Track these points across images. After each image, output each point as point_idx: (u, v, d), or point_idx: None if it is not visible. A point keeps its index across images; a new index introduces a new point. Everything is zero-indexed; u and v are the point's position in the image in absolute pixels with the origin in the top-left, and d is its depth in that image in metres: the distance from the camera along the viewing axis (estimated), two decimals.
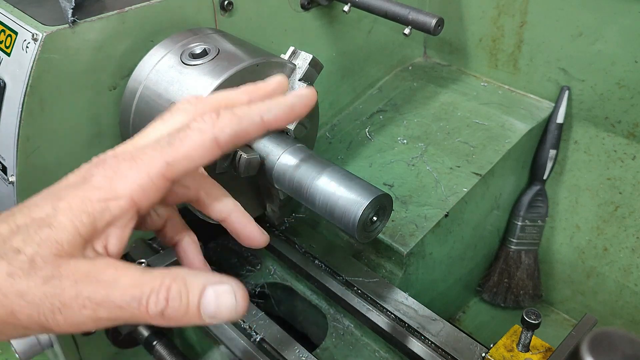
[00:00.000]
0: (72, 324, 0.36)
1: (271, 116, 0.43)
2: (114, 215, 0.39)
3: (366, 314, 0.72)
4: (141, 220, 0.45)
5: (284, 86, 0.48)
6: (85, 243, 0.38)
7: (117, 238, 0.40)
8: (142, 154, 0.40)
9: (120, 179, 0.39)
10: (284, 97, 0.45)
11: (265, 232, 0.51)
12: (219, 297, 0.37)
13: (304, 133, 0.70)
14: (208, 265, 0.50)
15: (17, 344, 0.87)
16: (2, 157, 0.70)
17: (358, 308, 0.73)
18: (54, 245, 0.37)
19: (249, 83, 0.48)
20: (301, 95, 0.45)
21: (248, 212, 0.76)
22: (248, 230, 0.50)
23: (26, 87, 0.65)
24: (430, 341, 0.67)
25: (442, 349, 0.66)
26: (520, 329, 0.59)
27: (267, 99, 0.44)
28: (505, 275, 1.11)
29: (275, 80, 0.48)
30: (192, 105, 0.44)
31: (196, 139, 0.40)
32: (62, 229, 0.37)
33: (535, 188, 1.08)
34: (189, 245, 0.50)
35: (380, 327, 0.71)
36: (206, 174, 0.50)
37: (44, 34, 0.64)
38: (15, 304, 0.35)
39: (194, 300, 0.37)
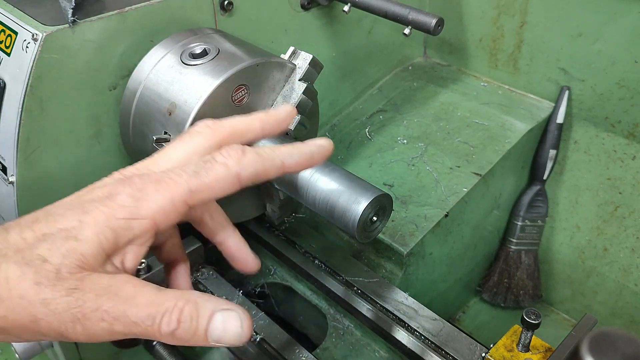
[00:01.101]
0: (88, 334, 0.38)
1: (292, 162, 0.47)
2: (135, 234, 0.41)
3: (366, 314, 0.72)
4: None
5: (293, 115, 0.52)
6: (107, 257, 0.40)
7: (134, 255, 0.42)
8: (168, 179, 0.42)
9: (146, 200, 0.41)
10: (305, 145, 0.48)
11: (258, 258, 0.54)
12: (226, 323, 0.39)
13: (304, 133, 0.70)
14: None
15: (17, 344, 0.87)
16: (2, 157, 0.70)
17: (358, 308, 0.73)
18: (79, 258, 0.38)
19: (260, 111, 0.52)
20: (321, 145, 0.49)
21: (248, 213, 0.77)
22: (243, 255, 0.53)
23: (26, 87, 0.65)
24: (430, 341, 0.67)
25: (442, 349, 0.66)
26: (520, 329, 0.59)
27: (289, 144, 0.48)
28: (505, 275, 1.11)
29: (285, 110, 0.51)
30: (210, 130, 0.47)
31: (220, 173, 0.42)
32: (87, 242, 0.39)
33: (535, 188, 1.08)
34: (183, 270, 0.53)
35: (381, 327, 0.71)
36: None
37: (44, 34, 0.64)
38: (38, 312, 0.37)
39: (202, 324, 0.39)
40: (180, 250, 0.52)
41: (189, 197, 0.42)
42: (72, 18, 0.65)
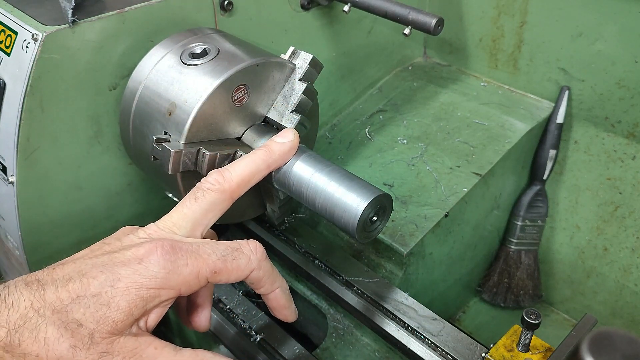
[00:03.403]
0: None
1: (279, 295, 0.57)
2: (162, 301, 0.45)
3: (366, 314, 0.72)
4: None
5: (297, 144, 0.60)
6: (135, 322, 0.44)
7: (156, 316, 0.46)
8: (198, 255, 0.46)
9: (175, 272, 0.45)
10: (291, 301, 0.60)
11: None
12: None
13: (304, 133, 0.70)
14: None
15: None
16: (2, 157, 0.70)
17: (358, 308, 0.73)
18: (111, 324, 0.42)
19: (264, 149, 0.58)
20: (294, 313, 0.61)
21: (248, 213, 0.77)
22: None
23: (26, 87, 0.65)
24: (430, 341, 0.67)
25: (442, 349, 0.66)
26: (520, 329, 0.59)
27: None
28: (505, 275, 1.11)
29: (290, 144, 0.59)
30: (221, 187, 0.52)
31: (242, 264, 0.49)
32: (119, 310, 0.43)
33: (535, 188, 1.08)
34: (206, 312, 0.57)
35: (380, 327, 0.71)
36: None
37: (44, 34, 0.64)
38: None
39: None
40: (209, 298, 0.57)
41: (211, 276, 0.47)
42: (72, 18, 0.65)
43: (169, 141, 0.62)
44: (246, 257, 0.49)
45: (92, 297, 0.42)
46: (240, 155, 0.65)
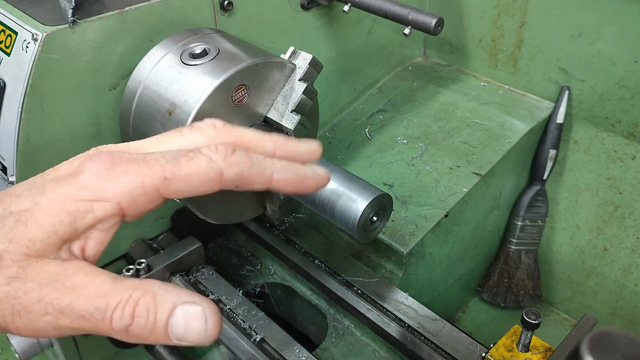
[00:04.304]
0: (31, 329, 0.35)
1: (281, 177, 0.41)
2: (97, 218, 0.37)
3: (366, 314, 0.72)
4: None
5: (316, 156, 0.45)
6: (62, 243, 0.36)
7: (97, 242, 0.37)
8: (142, 161, 0.37)
9: (112, 180, 0.36)
10: (302, 166, 0.43)
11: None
12: (189, 319, 0.35)
13: (304, 133, 0.70)
14: None
15: (17, 344, 0.87)
16: (2, 157, 0.70)
17: (358, 308, 0.73)
18: (25, 244, 0.35)
19: (280, 135, 0.45)
20: (318, 172, 0.43)
21: (248, 213, 0.77)
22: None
23: (26, 87, 0.65)
24: (430, 341, 0.67)
25: (442, 349, 0.66)
26: (520, 329, 0.59)
27: (285, 162, 0.42)
28: (505, 275, 1.11)
29: (310, 147, 0.45)
30: (216, 131, 0.42)
31: (202, 166, 0.38)
32: (37, 226, 0.35)
33: (535, 188, 1.08)
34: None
35: (380, 327, 0.71)
36: None
37: (44, 34, 0.64)
38: None
39: (162, 319, 0.35)
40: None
41: (162, 184, 0.37)
42: (72, 18, 0.65)
43: None
44: (205, 157, 0.38)
45: (11, 214, 0.35)
46: None
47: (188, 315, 0.35)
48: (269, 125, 0.69)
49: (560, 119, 1.03)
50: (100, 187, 0.36)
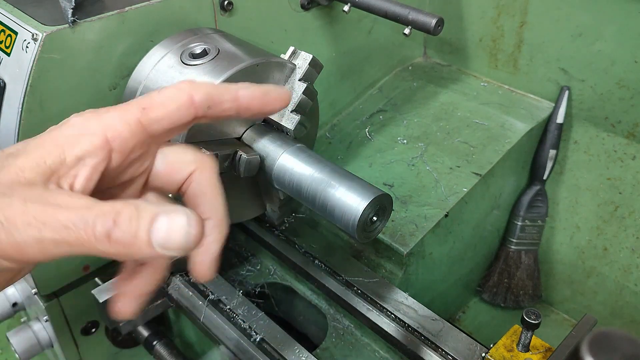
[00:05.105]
0: (14, 243, 0.35)
1: (247, 93, 0.44)
2: (85, 150, 0.38)
3: (366, 314, 0.72)
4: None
5: (286, 100, 0.46)
6: (51, 173, 0.37)
7: (84, 178, 0.39)
8: (120, 105, 0.41)
9: (96, 120, 0.40)
10: (260, 84, 0.46)
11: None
12: (171, 224, 0.35)
13: (304, 133, 0.70)
14: None
15: (17, 344, 0.87)
16: None
17: (358, 308, 0.73)
18: (14, 170, 0.36)
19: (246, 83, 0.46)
20: (277, 87, 0.46)
21: (248, 213, 0.77)
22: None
23: (26, 87, 0.65)
24: (430, 341, 0.67)
25: (442, 349, 0.66)
26: (520, 329, 0.59)
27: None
28: (505, 275, 1.11)
29: (279, 91, 0.46)
30: (189, 85, 0.44)
31: (172, 92, 0.41)
32: (27, 157, 0.37)
33: (535, 188, 1.08)
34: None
35: (380, 327, 0.71)
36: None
37: (44, 34, 0.64)
38: None
39: (144, 225, 0.35)
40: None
41: (142, 114, 0.40)
42: (72, 18, 0.65)
43: (169, 141, 0.62)
44: (173, 87, 0.41)
45: (2, 153, 0.38)
46: (240, 156, 0.65)
47: (171, 220, 0.35)
48: (269, 125, 0.69)
49: (560, 119, 1.03)
50: (85, 125, 0.40)
